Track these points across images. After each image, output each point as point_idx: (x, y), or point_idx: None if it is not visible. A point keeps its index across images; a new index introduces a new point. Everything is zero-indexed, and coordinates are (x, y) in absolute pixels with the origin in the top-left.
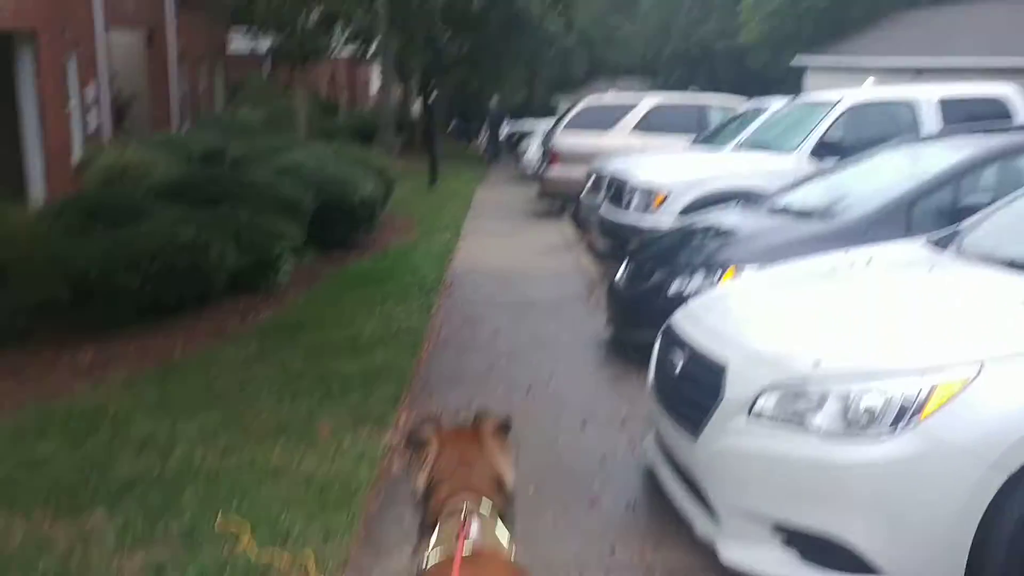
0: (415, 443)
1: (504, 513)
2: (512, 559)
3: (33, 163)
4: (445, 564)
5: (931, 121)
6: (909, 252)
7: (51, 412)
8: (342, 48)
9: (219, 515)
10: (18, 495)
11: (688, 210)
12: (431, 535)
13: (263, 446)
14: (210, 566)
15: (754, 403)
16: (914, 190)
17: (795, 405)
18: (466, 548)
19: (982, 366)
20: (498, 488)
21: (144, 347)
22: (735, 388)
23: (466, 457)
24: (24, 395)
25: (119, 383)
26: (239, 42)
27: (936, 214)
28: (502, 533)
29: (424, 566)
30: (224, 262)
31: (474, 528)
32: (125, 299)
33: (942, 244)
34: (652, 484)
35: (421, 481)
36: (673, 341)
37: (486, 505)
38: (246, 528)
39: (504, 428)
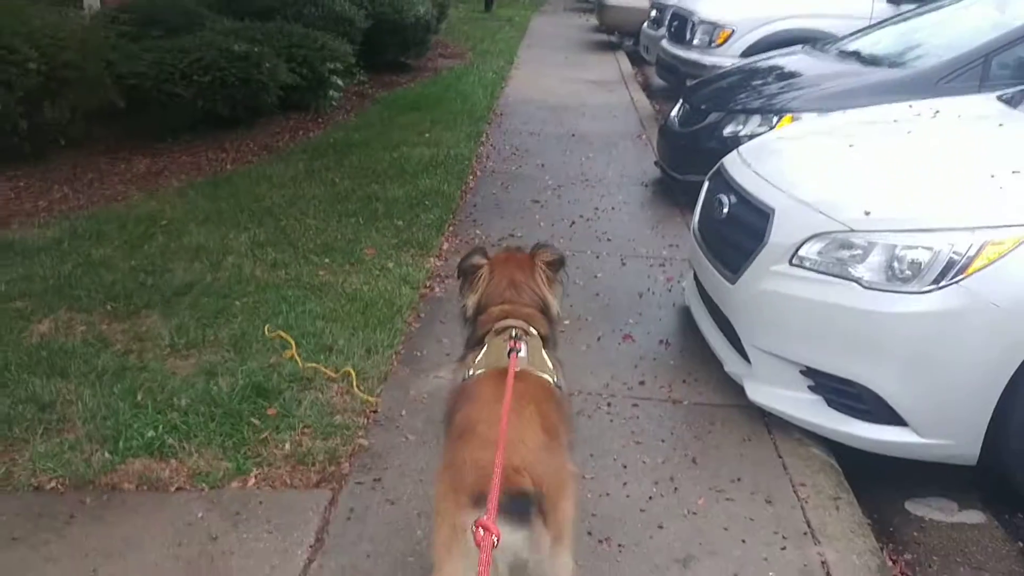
0: (466, 270)
1: (547, 337)
2: (554, 381)
3: None
4: (491, 376)
5: None
6: (979, 107)
7: (107, 217)
8: None
9: (267, 327)
10: (77, 295)
11: (753, 50)
12: (478, 351)
13: (310, 262)
14: (258, 371)
15: (797, 249)
16: (994, 42)
17: (839, 254)
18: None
19: None
20: (544, 314)
21: (196, 158)
22: (780, 233)
23: (517, 281)
24: (81, 200)
25: (172, 192)
26: None
27: (1016, 69)
28: (547, 359)
29: (470, 375)
30: (276, 77)
31: (522, 349)
32: (178, 109)
33: (1016, 101)
34: (687, 323)
35: (472, 300)
36: (722, 184)
37: (532, 330)
38: (291, 342)
39: (558, 263)
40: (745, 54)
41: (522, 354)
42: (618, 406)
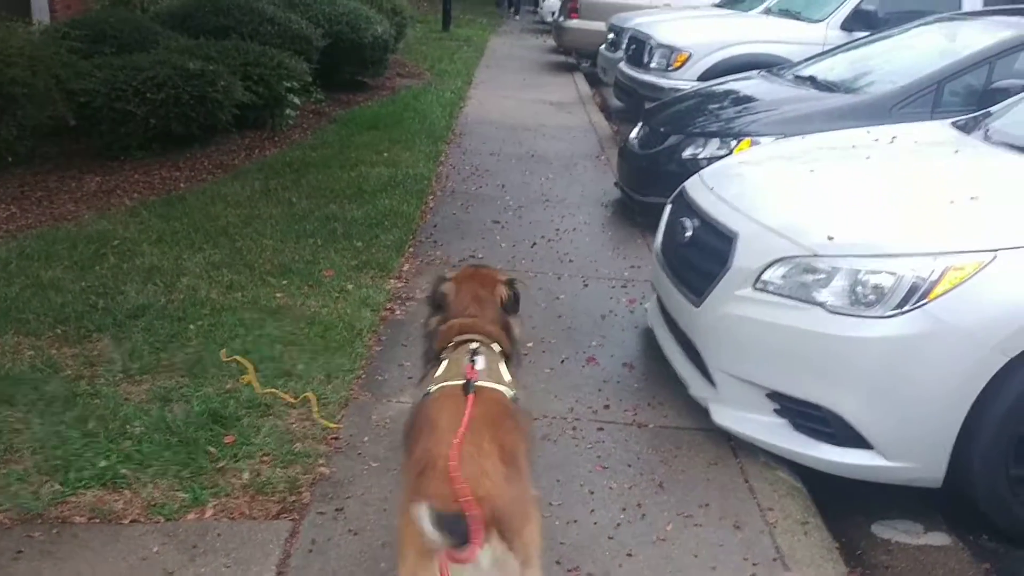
0: (438, 300)
1: (509, 355)
2: (511, 396)
3: None
4: (449, 399)
5: None
6: (934, 133)
7: (57, 238)
8: None
9: (223, 351)
10: (25, 318)
11: (710, 74)
12: (439, 366)
13: (267, 284)
14: (215, 397)
15: (761, 274)
16: (945, 69)
17: (803, 278)
18: (461, 386)
19: (996, 253)
20: (506, 332)
21: (149, 177)
22: (743, 258)
23: (479, 297)
24: (29, 219)
25: (124, 212)
26: None
27: (966, 96)
28: (505, 373)
29: (430, 392)
30: (231, 95)
31: (480, 363)
32: (131, 127)
33: (969, 127)
34: (650, 345)
35: (435, 319)
36: (684, 207)
37: (494, 345)
38: (249, 367)
39: (516, 282)
40: (702, 78)
41: (479, 366)
42: (583, 430)
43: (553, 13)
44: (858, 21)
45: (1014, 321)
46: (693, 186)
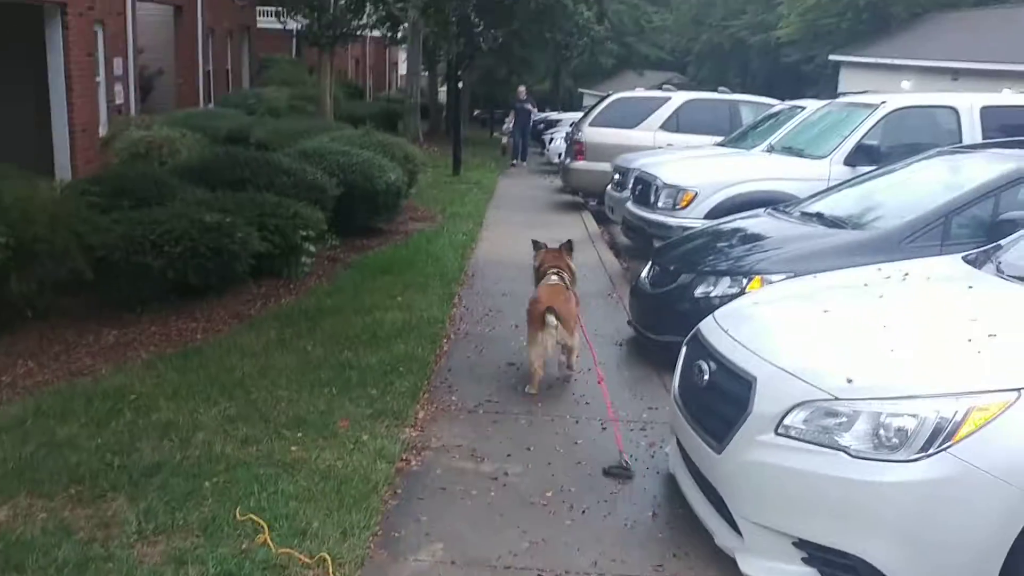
0: (536, 245)
1: (572, 278)
2: (573, 292)
3: (60, 137)
4: (545, 286)
5: (973, 130)
6: (946, 268)
7: (73, 393)
8: (372, 29)
9: (237, 510)
10: (39, 478)
11: (717, 211)
12: (541, 279)
13: (282, 437)
14: (230, 558)
15: (782, 419)
16: (952, 203)
17: (824, 422)
18: (552, 282)
19: (1021, 392)
20: (568, 268)
21: (166, 329)
22: (763, 403)
23: (554, 254)
24: (47, 375)
25: (141, 365)
26: (269, 17)
27: (974, 228)
28: (567, 281)
29: (539, 284)
30: (248, 247)
31: (555, 278)
32: (149, 280)
33: (980, 262)
34: (673, 491)
35: (536, 262)
36: (700, 350)
37: (563, 273)
38: (264, 525)
39: (571, 245)
40: (709, 216)
41: (555, 279)
42: None
43: (560, 155)
44: (861, 156)
45: None
46: (708, 328)
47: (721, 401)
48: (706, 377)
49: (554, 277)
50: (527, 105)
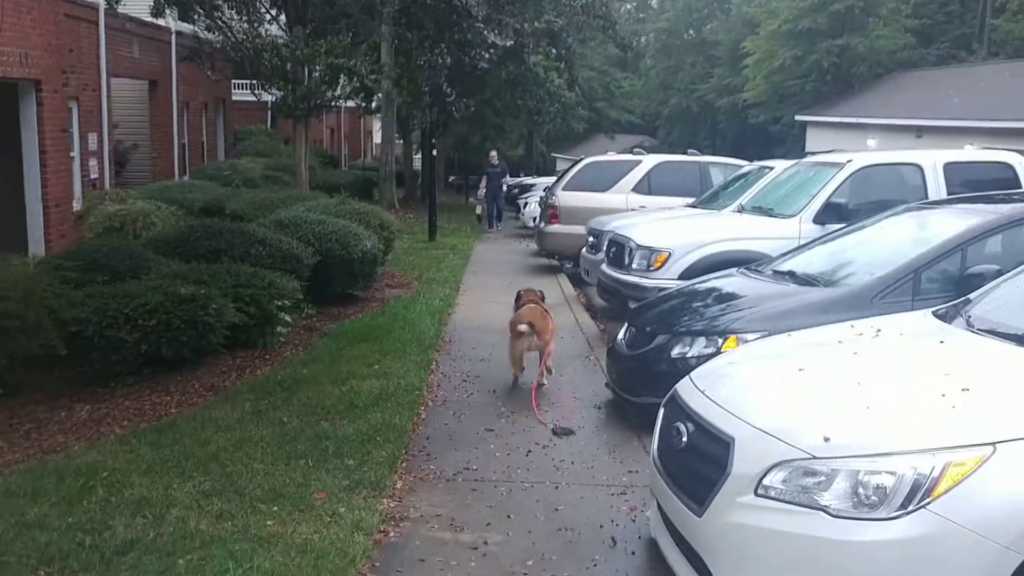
0: (518, 298)
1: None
2: (547, 312)
3: (34, 212)
4: (526, 307)
5: (938, 186)
6: (917, 323)
7: (44, 471)
8: (346, 100)
9: None
10: (7, 561)
11: (691, 271)
12: (521, 307)
13: (257, 511)
14: None
15: (761, 479)
16: (921, 258)
17: (803, 482)
18: (531, 306)
19: (996, 446)
20: (541, 299)
21: (140, 404)
22: (742, 463)
23: (531, 293)
24: (17, 453)
25: (114, 441)
26: (244, 90)
27: (943, 283)
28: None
29: (519, 308)
30: (222, 318)
31: (533, 304)
32: (122, 354)
33: (950, 316)
34: (655, 556)
35: (518, 301)
36: (678, 411)
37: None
38: None
39: (543, 296)
40: (683, 276)
41: (533, 304)
42: None
43: (534, 219)
44: (830, 214)
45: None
46: (685, 389)
47: (700, 463)
48: (684, 439)
49: (532, 304)
50: (498, 169)
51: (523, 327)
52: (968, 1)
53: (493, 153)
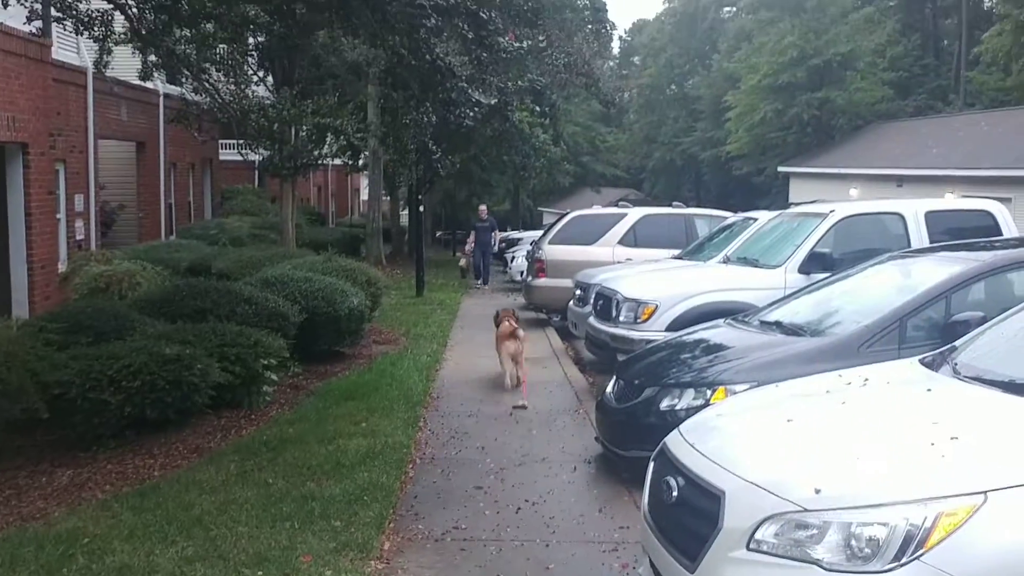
0: (496, 316)
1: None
2: (521, 331)
3: (18, 274)
4: (506, 322)
5: (920, 235)
6: (904, 372)
7: (23, 539)
8: (333, 158)
9: None
10: None
11: (678, 323)
12: (500, 325)
13: None
14: None
15: (753, 533)
16: (906, 306)
17: (795, 535)
18: (508, 324)
19: (987, 495)
20: (517, 319)
21: (122, 467)
22: (733, 517)
23: (508, 311)
24: None
25: (96, 506)
26: (231, 150)
27: (929, 330)
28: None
29: (498, 326)
30: (207, 378)
31: (510, 323)
32: (105, 416)
33: (936, 364)
34: None
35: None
36: (667, 465)
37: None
38: None
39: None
40: (671, 327)
41: (508, 324)
42: None
43: (521, 273)
44: (814, 264)
45: (1017, 568)
46: (674, 442)
47: (691, 517)
48: (675, 493)
49: (507, 323)
50: (487, 224)
51: (507, 324)
52: (943, 55)
53: (483, 208)
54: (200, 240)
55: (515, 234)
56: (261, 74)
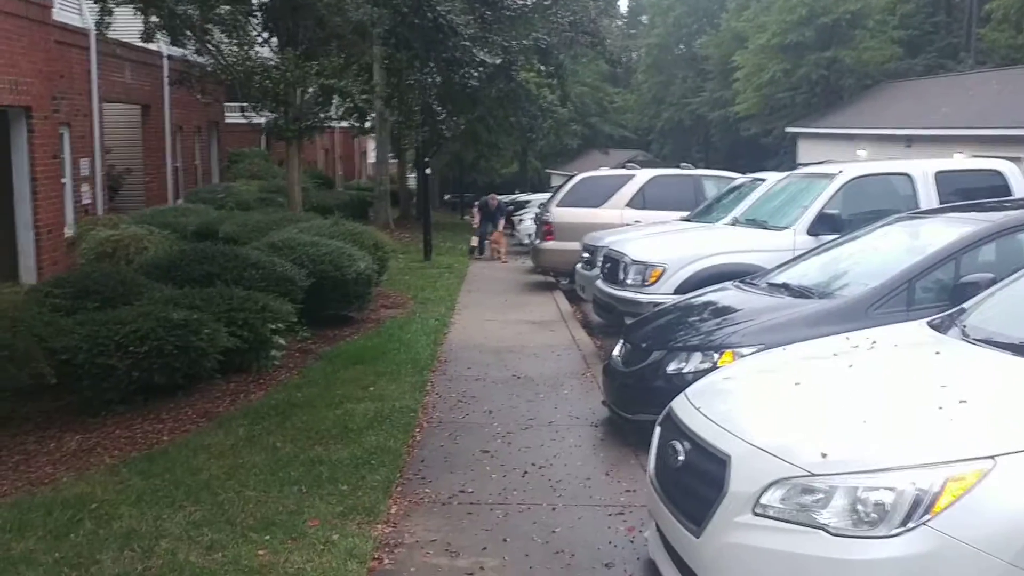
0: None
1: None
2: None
3: (25, 239)
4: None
5: (929, 195)
6: (913, 334)
7: (32, 505)
8: (339, 120)
9: None
10: None
11: (686, 285)
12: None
13: (249, 541)
14: None
15: (759, 498)
16: (915, 267)
17: (801, 500)
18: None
19: (996, 460)
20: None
21: (131, 432)
22: (739, 482)
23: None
24: (4, 486)
25: (104, 471)
26: (237, 113)
27: (938, 292)
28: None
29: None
30: (215, 343)
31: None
32: (113, 381)
33: (945, 326)
34: None
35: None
36: (674, 429)
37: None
38: None
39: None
40: (679, 290)
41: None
42: None
43: (529, 236)
44: (823, 225)
45: None
46: (680, 406)
47: (697, 482)
48: (681, 457)
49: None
50: (495, 210)
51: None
52: (954, 11)
53: (494, 196)
54: (207, 204)
55: (522, 196)
56: (265, 35)
